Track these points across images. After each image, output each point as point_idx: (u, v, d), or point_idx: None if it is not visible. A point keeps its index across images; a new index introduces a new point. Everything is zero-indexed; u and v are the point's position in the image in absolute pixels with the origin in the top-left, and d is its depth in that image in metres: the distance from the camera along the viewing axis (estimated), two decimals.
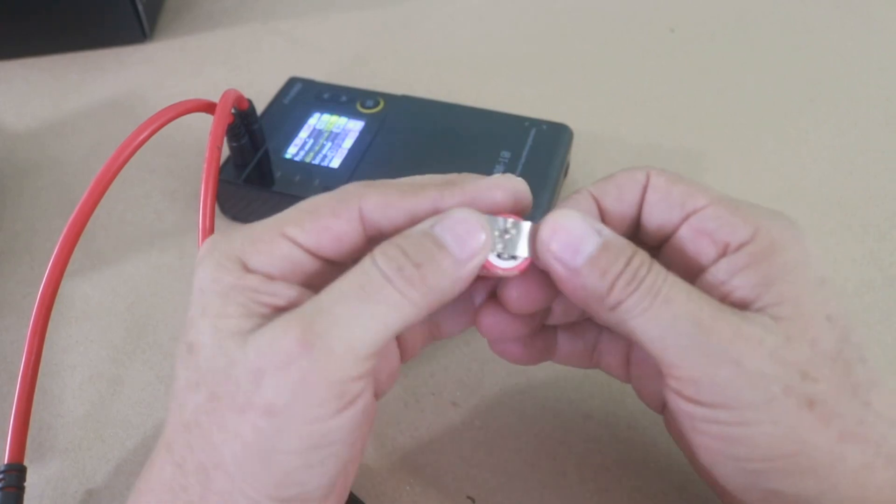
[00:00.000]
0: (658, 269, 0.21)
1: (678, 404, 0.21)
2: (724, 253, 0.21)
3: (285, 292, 0.21)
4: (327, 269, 0.22)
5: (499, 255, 0.22)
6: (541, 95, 0.46)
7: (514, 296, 0.23)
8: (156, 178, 0.41)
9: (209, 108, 0.31)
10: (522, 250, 0.22)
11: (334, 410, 0.19)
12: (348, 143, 0.38)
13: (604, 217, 0.24)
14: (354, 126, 0.39)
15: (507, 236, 0.22)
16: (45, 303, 0.27)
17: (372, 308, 0.20)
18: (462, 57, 0.49)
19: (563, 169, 0.38)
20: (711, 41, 0.50)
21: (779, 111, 0.45)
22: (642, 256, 0.21)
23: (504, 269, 0.22)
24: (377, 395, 0.24)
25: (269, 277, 0.21)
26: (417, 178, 0.23)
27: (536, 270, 0.23)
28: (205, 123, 0.31)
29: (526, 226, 0.22)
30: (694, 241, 0.22)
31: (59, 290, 0.28)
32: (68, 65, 0.49)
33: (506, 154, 0.37)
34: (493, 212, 0.22)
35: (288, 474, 0.20)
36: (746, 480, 0.21)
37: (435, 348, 0.32)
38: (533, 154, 0.37)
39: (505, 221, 0.22)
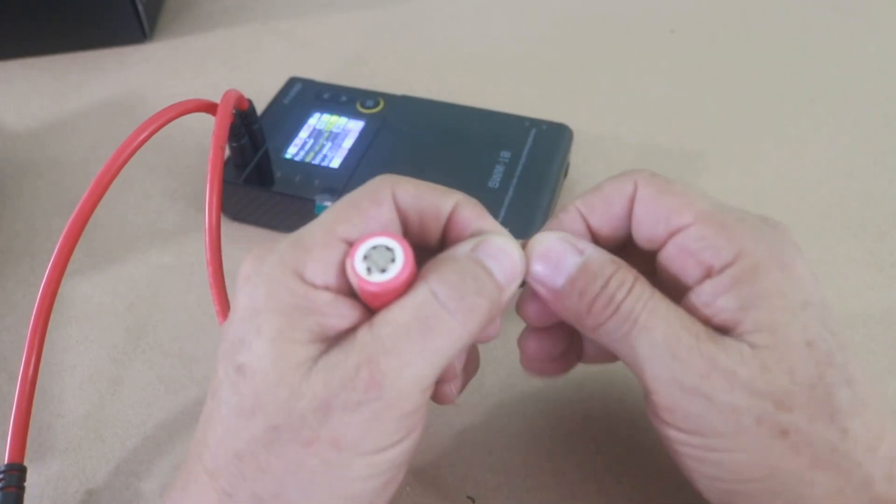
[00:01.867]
0: (639, 293, 0.21)
1: (657, 424, 0.22)
2: (708, 274, 0.21)
3: (350, 313, 0.20)
4: None
5: (368, 270, 0.20)
6: (541, 95, 0.46)
7: (532, 311, 0.24)
8: (156, 178, 0.41)
9: (209, 108, 0.31)
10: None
11: (399, 440, 0.20)
12: (348, 143, 0.38)
13: (593, 233, 0.24)
14: (354, 126, 0.39)
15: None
16: (45, 303, 0.27)
17: (434, 342, 0.20)
18: (462, 57, 0.49)
19: (563, 169, 0.38)
20: (711, 42, 0.50)
21: (778, 111, 0.45)
22: (622, 277, 0.21)
23: (378, 284, 0.20)
24: None
25: (329, 289, 0.20)
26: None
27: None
28: (204, 124, 0.31)
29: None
30: (680, 259, 0.22)
31: (59, 290, 0.28)
32: (68, 65, 0.49)
33: (506, 154, 0.37)
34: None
35: (352, 499, 0.20)
36: (721, 498, 0.22)
37: None
38: (533, 154, 0.37)
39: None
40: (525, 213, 0.34)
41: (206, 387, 0.31)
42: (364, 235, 0.20)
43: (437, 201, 0.22)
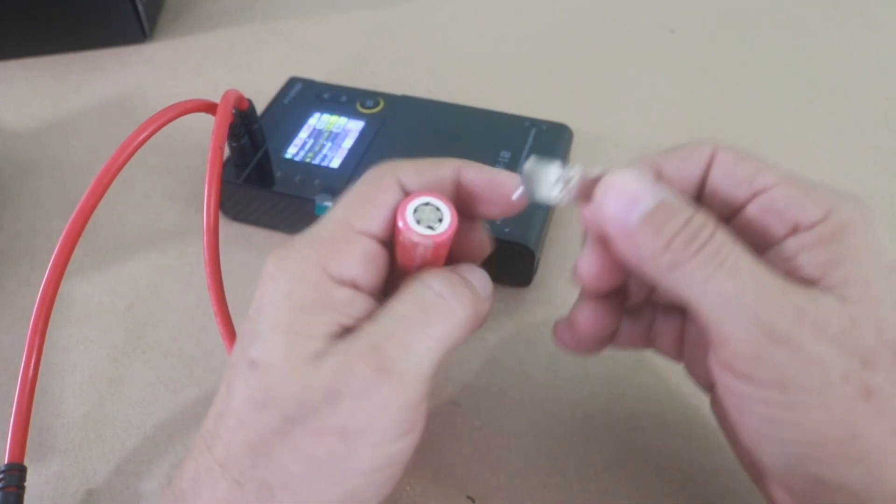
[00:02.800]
0: (723, 236, 0.20)
1: (727, 380, 0.21)
2: (793, 232, 0.21)
3: (360, 314, 0.21)
4: (384, 252, 0.23)
5: (418, 222, 0.22)
6: (541, 95, 0.46)
7: (587, 271, 0.24)
8: (156, 178, 0.41)
9: (209, 108, 0.31)
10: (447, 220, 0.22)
11: (403, 433, 0.21)
12: (348, 143, 0.38)
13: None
14: (354, 126, 0.39)
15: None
16: (45, 303, 0.27)
17: (434, 328, 0.21)
18: (462, 57, 0.49)
19: None
20: (711, 42, 0.50)
21: (778, 111, 0.45)
22: (704, 219, 0.20)
23: (428, 236, 0.22)
24: None
25: (354, 284, 0.21)
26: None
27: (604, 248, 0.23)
28: (204, 123, 0.31)
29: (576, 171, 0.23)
30: (762, 219, 0.22)
31: (59, 290, 0.28)
32: (68, 65, 0.49)
33: (506, 154, 0.37)
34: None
35: (353, 493, 0.21)
36: (791, 463, 0.21)
37: None
38: (533, 154, 0.37)
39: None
40: (525, 213, 0.34)
41: (206, 387, 0.32)
42: (414, 193, 0.22)
43: (438, 173, 0.23)
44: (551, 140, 0.38)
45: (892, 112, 0.44)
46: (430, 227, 0.21)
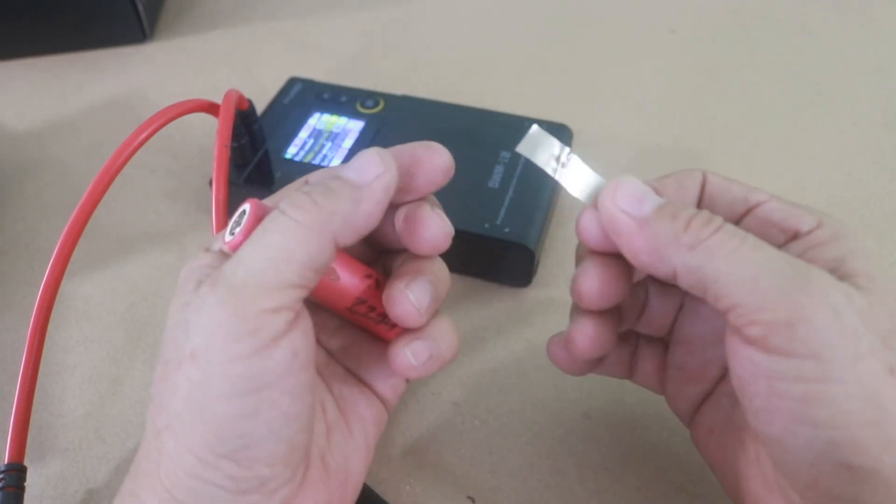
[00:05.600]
0: (733, 226, 0.21)
1: (755, 360, 0.20)
2: (794, 238, 0.22)
3: None
4: None
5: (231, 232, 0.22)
6: (541, 95, 0.46)
7: (589, 286, 0.23)
8: (156, 178, 0.41)
9: (210, 108, 0.31)
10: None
11: (253, 348, 0.19)
12: (348, 143, 0.38)
13: None
14: (354, 126, 0.39)
15: None
16: (45, 303, 0.27)
17: (268, 239, 0.20)
18: (462, 57, 0.49)
19: None
20: (712, 42, 0.50)
21: (779, 111, 0.45)
22: (711, 213, 0.21)
23: (231, 241, 0.22)
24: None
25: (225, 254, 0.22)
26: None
27: (607, 264, 0.23)
28: (205, 123, 0.31)
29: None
30: (761, 229, 0.22)
31: (59, 290, 0.28)
32: (69, 65, 0.49)
33: (505, 154, 0.37)
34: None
35: (222, 424, 0.20)
36: (822, 450, 0.19)
37: None
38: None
39: None
40: (525, 213, 0.34)
41: None
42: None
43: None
44: None
45: (892, 112, 0.44)
46: (232, 234, 0.22)
